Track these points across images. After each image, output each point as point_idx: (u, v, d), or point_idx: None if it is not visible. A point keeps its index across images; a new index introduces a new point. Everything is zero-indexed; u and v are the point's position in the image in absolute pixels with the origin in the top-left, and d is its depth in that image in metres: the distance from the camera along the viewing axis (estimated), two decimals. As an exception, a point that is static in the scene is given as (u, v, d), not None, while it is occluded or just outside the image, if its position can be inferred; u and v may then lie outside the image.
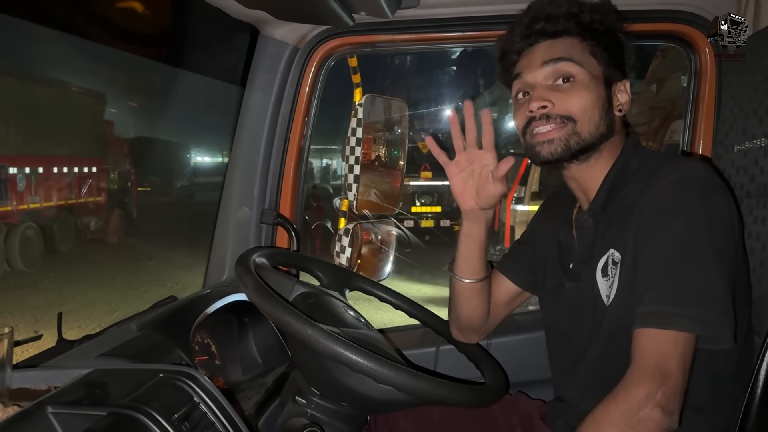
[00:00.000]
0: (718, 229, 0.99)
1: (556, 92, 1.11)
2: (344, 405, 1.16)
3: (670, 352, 0.93)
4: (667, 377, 0.91)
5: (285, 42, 1.70)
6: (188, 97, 12.91)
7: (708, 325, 0.94)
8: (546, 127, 1.11)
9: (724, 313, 0.95)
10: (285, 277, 1.29)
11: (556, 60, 1.11)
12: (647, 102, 9.26)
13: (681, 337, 0.94)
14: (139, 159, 13.02)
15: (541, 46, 1.15)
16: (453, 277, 1.35)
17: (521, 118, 1.16)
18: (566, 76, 1.12)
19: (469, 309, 1.37)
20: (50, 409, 0.83)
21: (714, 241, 0.98)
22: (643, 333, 0.96)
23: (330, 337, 0.95)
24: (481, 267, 1.32)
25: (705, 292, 0.96)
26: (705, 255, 0.97)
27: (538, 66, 1.13)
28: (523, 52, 1.18)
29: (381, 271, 1.98)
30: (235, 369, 1.55)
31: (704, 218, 0.98)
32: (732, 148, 1.35)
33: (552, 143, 1.11)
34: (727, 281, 0.97)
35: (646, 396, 0.90)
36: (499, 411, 1.40)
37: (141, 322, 1.30)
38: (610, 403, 0.93)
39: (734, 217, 1.03)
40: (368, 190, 1.83)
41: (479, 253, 1.30)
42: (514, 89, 1.19)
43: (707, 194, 1.00)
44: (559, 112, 1.11)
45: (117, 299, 7.03)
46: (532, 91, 1.14)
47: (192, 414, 0.93)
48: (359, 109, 1.76)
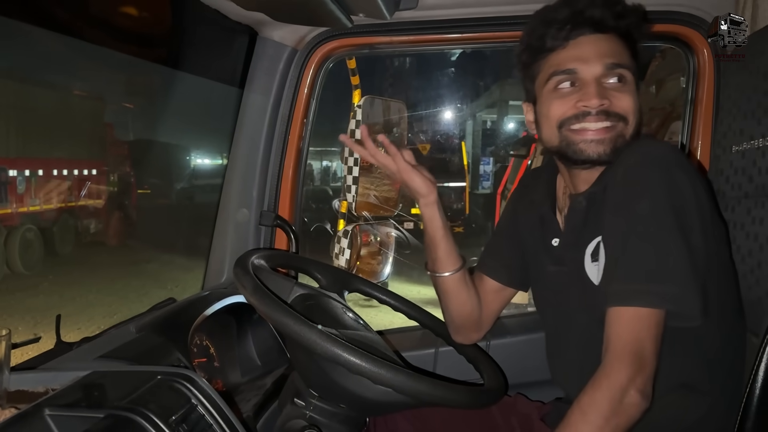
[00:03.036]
0: (680, 205, 0.99)
1: (610, 90, 1.10)
2: (343, 407, 1.16)
3: (644, 335, 0.95)
4: (644, 361, 0.94)
5: (283, 44, 1.70)
6: (187, 99, 12.91)
7: (673, 300, 0.96)
8: (602, 124, 1.09)
9: (689, 288, 0.96)
10: (284, 278, 1.28)
11: (616, 66, 1.10)
12: (647, 103, 9.25)
13: (649, 315, 0.95)
14: (138, 161, 13.01)
15: (592, 38, 1.11)
16: (433, 276, 1.35)
17: (566, 110, 1.12)
18: (621, 77, 1.11)
19: (459, 304, 1.37)
20: (47, 411, 0.83)
21: (677, 217, 0.98)
22: (614, 312, 0.98)
23: (328, 339, 0.95)
24: (457, 256, 1.33)
25: (669, 267, 0.97)
26: (668, 231, 0.97)
27: (595, 62, 1.10)
28: (571, 40, 1.12)
29: (380, 273, 1.97)
30: (234, 371, 1.55)
31: (666, 195, 0.99)
32: (730, 149, 1.35)
33: (602, 143, 1.09)
34: (691, 257, 0.97)
35: (628, 382, 0.92)
36: (499, 413, 1.40)
37: (139, 324, 1.30)
38: (595, 391, 0.94)
39: (701, 196, 1.02)
40: (367, 192, 1.83)
41: (451, 242, 1.31)
42: (552, 78, 1.14)
43: (670, 172, 1.01)
44: (617, 110, 1.09)
45: (117, 302, 7.02)
46: (585, 85, 1.10)
47: (190, 416, 0.93)
48: (358, 110, 1.77)
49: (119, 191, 12.76)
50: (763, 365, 1.03)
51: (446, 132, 12.15)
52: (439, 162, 10.89)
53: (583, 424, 0.92)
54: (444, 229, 1.29)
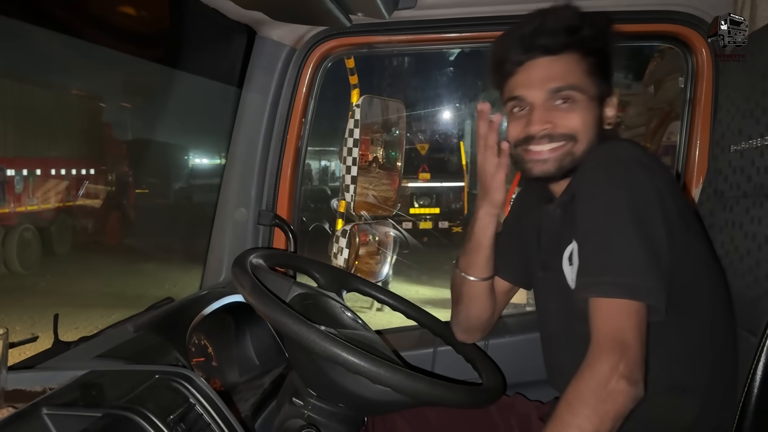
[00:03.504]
0: (639, 200, 1.00)
1: (556, 112, 1.13)
2: (341, 406, 1.16)
3: (623, 324, 0.95)
4: (626, 348, 0.93)
5: (282, 43, 1.70)
6: (186, 98, 12.89)
7: (637, 291, 0.96)
8: (545, 146, 1.13)
9: (651, 281, 0.97)
10: (282, 278, 1.28)
11: (559, 89, 1.12)
12: (645, 103, 9.26)
13: (625, 305, 0.96)
14: (136, 160, 12.99)
15: (541, 62, 1.13)
16: (465, 278, 1.36)
17: (518, 133, 1.17)
18: (567, 98, 1.13)
19: (482, 309, 1.38)
20: (45, 410, 0.83)
21: (635, 210, 0.99)
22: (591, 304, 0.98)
23: (327, 338, 0.95)
24: (492, 264, 1.35)
25: (629, 260, 0.98)
26: (625, 224, 0.98)
27: (538, 87, 1.13)
28: (522, 65, 1.15)
29: (378, 273, 1.97)
30: (232, 370, 1.55)
31: (623, 190, 1.00)
32: (728, 149, 1.35)
33: (546, 163, 1.14)
34: (651, 251, 0.98)
35: (610, 369, 0.92)
36: (497, 412, 1.40)
37: (137, 324, 1.30)
38: (579, 382, 0.94)
39: (662, 191, 1.03)
40: (366, 191, 1.83)
41: (492, 251, 1.32)
42: (509, 102, 1.19)
43: (629, 169, 1.02)
44: (561, 131, 1.13)
45: (114, 301, 7.01)
46: (531, 110, 1.14)
47: (188, 415, 0.93)
48: (357, 110, 1.76)
49: (117, 191, 12.73)
50: (762, 364, 1.03)
51: (445, 131, 12.14)
52: (437, 161, 10.88)
53: (569, 416, 0.92)
54: (492, 239, 1.31)
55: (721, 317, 1.15)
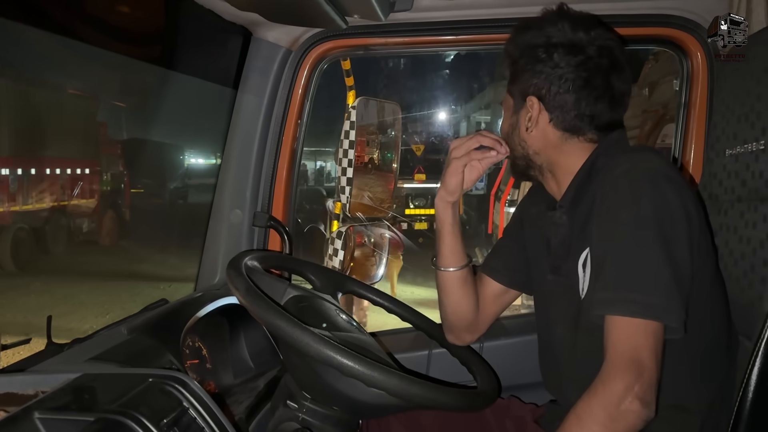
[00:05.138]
0: (666, 217, 0.99)
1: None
2: (336, 409, 1.15)
3: (641, 343, 0.94)
4: (642, 369, 0.92)
5: (278, 44, 1.70)
6: (181, 99, 12.86)
7: (657, 310, 0.95)
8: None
9: (672, 300, 0.96)
10: (277, 280, 1.28)
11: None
12: (639, 105, 9.29)
13: (644, 325, 0.95)
14: (132, 160, 12.94)
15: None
16: (438, 270, 1.37)
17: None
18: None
19: (454, 302, 1.38)
20: (37, 414, 0.82)
21: (661, 229, 0.98)
22: (608, 321, 0.97)
23: (321, 341, 0.94)
24: (462, 255, 1.36)
25: (652, 279, 0.97)
26: (651, 243, 0.98)
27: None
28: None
29: (374, 275, 1.97)
30: (226, 373, 1.54)
31: (651, 207, 0.99)
32: (723, 152, 1.35)
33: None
34: (674, 270, 0.97)
35: (625, 389, 0.91)
36: (492, 415, 1.40)
37: (131, 326, 1.29)
38: (591, 398, 0.93)
39: (689, 210, 1.03)
40: (361, 192, 1.83)
41: (457, 240, 1.35)
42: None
43: (657, 184, 1.01)
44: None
45: (109, 301, 6.99)
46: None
47: (181, 419, 0.92)
48: (352, 111, 1.76)
49: (112, 190, 12.70)
50: (757, 368, 1.03)
51: (440, 133, 12.15)
52: (433, 163, 10.89)
53: (579, 430, 0.92)
54: (451, 227, 1.33)
55: (723, 332, 1.14)
